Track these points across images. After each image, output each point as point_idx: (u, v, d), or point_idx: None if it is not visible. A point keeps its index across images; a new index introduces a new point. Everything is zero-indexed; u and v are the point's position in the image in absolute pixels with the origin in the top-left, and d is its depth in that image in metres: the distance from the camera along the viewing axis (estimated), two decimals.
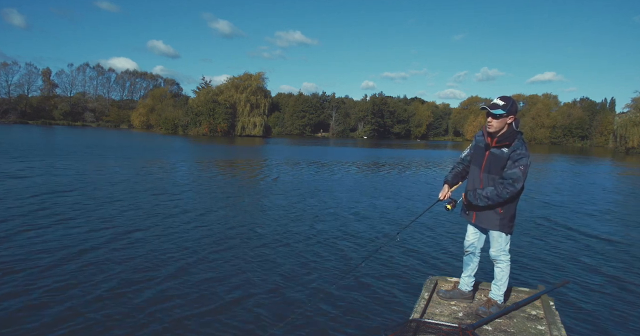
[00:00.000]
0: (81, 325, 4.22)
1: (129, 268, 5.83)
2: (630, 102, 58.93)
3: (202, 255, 6.56)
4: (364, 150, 42.82)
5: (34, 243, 6.66)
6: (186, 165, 20.56)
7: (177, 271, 5.80)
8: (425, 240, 8.03)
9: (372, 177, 18.66)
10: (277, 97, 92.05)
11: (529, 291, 3.89)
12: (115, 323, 4.29)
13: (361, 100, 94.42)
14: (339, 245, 7.50)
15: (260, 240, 7.57)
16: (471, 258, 3.64)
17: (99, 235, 7.31)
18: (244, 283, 5.53)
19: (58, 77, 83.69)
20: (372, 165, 25.36)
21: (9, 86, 77.56)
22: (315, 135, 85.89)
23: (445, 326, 2.91)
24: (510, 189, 3.18)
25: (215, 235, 7.74)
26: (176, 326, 4.31)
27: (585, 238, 8.68)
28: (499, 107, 3.20)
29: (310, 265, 6.37)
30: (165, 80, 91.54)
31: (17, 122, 69.66)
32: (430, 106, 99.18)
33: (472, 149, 3.56)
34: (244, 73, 67.96)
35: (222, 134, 61.34)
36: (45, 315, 4.37)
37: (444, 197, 3.60)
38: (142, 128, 72.68)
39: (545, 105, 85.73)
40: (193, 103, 64.12)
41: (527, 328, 3.20)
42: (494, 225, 3.38)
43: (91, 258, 6.15)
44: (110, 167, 17.45)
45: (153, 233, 7.67)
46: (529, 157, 3.21)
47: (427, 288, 3.84)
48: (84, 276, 5.45)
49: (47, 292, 4.91)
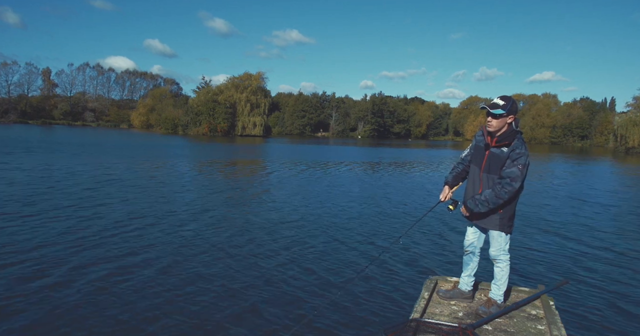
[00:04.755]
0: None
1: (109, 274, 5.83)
2: (632, 101, 58.89)
3: (202, 253, 6.56)
4: (362, 149, 42.80)
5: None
6: (188, 164, 20.56)
7: (164, 268, 5.81)
8: (425, 239, 8.03)
9: (372, 177, 18.66)
10: (277, 96, 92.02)
11: (529, 291, 3.89)
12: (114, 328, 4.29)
13: (361, 99, 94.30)
14: (340, 246, 7.50)
15: (260, 242, 7.57)
16: (471, 257, 3.64)
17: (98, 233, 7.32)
18: (245, 285, 5.53)
19: (58, 76, 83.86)
20: (371, 164, 25.35)
21: (9, 86, 77.65)
22: (315, 134, 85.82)
23: (445, 326, 2.91)
24: (509, 188, 3.18)
25: (214, 237, 7.74)
26: (173, 326, 4.31)
27: (585, 238, 8.68)
28: (499, 106, 3.20)
29: (310, 265, 6.38)
30: (165, 80, 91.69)
31: (17, 121, 69.66)
32: (430, 106, 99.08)
33: (472, 149, 3.56)
34: (244, 73, 68.06)
35: (222, 134, 61.34)
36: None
37: (445, 198, 3.61)
38: (142, 128, 72.66)
39: (545, 105, 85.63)
40: (193, 103, 64.10)
41: (527, 328, 3.20)
42: (493, 225, 3.38)
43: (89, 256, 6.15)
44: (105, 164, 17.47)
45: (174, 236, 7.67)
46: (528, 156, 3.21)
47: (427, 287, 3.84)
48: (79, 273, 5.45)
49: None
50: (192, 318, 4.49)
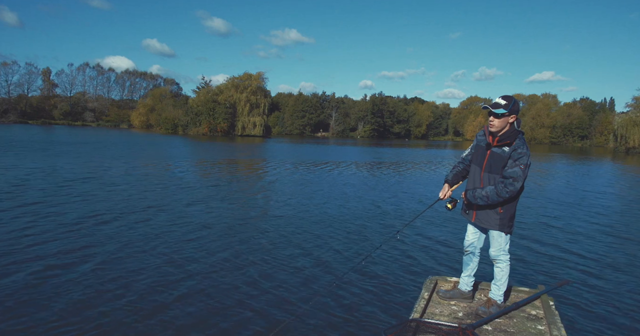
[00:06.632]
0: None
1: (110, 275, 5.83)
2: (631, 102, 58.85)
3: (201, 253, 6.56)
4: (360, 149, 42.79)
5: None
6: (186, 164, 20.57)
7: (167, 268, 5.80)
8: (425, 239, 8.02)
9: (371, 176, 18.65)
10: (277, 96, 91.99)
11: (529, 291, 3.89)
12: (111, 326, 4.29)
13: (361, 100, 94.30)
14: (338, 244, 7.50)
15: (259, 240, 7.57)
16: (471, 258, 3.64)
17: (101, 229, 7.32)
18: (243, 283, 5.53)
19: (58, 76, 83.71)
20: (370, 164, 25.34)
21: (9, 86, 77.55)
22: (315, 135, 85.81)
23: (445, 326, 2.90)
24: (510, 188, 3.18)
25: (215, 233, 7.73)
26: (170, 327, 4.31)
27: (585, 238, 8.68)
28: (501, 106, 3.21)
29: (309, 264, 6.37)
30: (165, 80, 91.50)
31: (17, 121, 69.58)
32: (429, 106, 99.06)
33: (473, 149, 3.56)
34: (244, 73, 67.98)
35: (222, 134, 61.31)
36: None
37: (445, 196, 3.61)
38: (142, 128, 72.63)
39: (545, 105, 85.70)
40: (193, 103, 64.05)
41: (527, 328, 3.20)
42: (493, 225, 3.38)
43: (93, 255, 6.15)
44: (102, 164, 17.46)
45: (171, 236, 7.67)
46: (529, 156, 3.21)
47: (427, 288, 3.84)
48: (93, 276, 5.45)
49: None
50: (192, 317, 4.49)
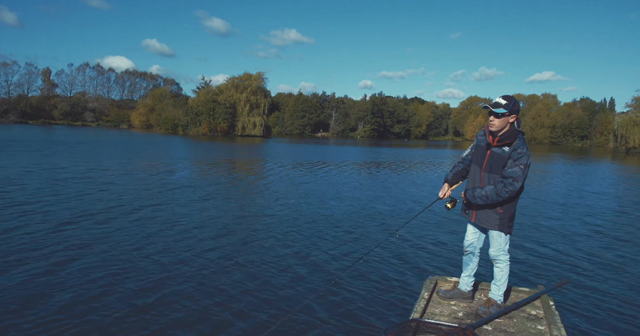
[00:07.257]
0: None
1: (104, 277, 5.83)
2: (631, 102, 58.87)
3: (200, 252, 6.56)
4: (360, 149, 42.81)
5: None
6: (187, 164, 20.57)
7: (168, 269, 5.80)
8: (424, 239, 8.02)
9: (371, 176, 18.65)
10: (277, 96, 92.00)
11: (529, 291, 3.89)
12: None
13: (361, 100, 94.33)
14: (337, 243, 7.49)
15: (257, 239, 7.56)
16: (471, 258, 3.63)
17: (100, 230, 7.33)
18: (240, 282, 5.52)
19: (58, 76, 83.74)
20: (370, 164, 25.34)
21: (9, 86, 77.56)
22: (315, 135, 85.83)
23: (445, 326, 2.90)
24: (510, 188, 3.18)
25: (213, 232, 7.73)
26: (168, 327, 4.31)
27: (585, 238, 8.67)
28: (501, 106, 3.22)
29: (308, 264, 6.37)
30: (165, 80, 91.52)
31: (17, 121, 69.57)
32: (429, 106, 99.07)
33: (473, 148, 3.57)
34: (244, 73, 67.99)
35: (222, 134, 61.32)
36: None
37: (444, 195, 3.61)
38: (142, 128, 72.63)
39: (544, 105, 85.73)
40: (193, 103, 64.05)
41: (527, 328, 3.20)
42: (493, 225, 3.38)
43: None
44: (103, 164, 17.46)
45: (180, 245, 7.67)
46: (529, 156, 3.22)
47: (427, 288, 3.84)
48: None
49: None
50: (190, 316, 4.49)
